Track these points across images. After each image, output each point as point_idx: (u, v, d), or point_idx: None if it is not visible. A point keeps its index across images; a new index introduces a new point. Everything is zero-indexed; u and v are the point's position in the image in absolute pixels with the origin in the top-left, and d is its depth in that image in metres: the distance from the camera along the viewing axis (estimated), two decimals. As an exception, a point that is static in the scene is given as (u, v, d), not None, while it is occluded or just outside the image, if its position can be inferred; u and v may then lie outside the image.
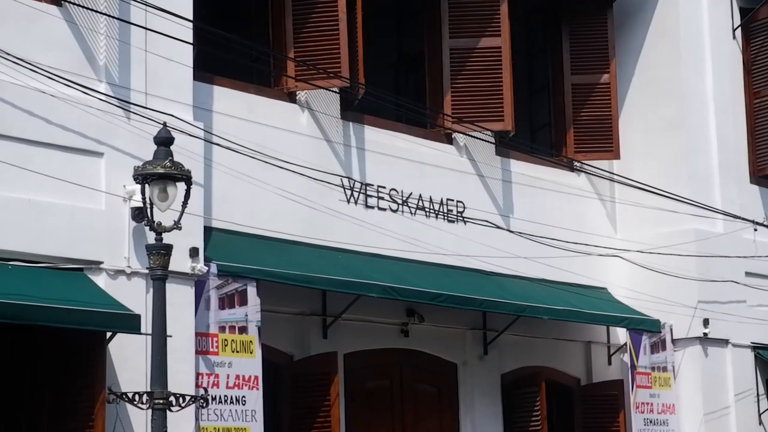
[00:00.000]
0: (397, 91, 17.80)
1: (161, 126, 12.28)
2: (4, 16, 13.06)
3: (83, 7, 13.60)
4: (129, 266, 13.53)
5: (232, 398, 14.43)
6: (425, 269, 16.95)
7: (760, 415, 19.98)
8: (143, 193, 11.92)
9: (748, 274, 19.89)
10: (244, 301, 14.67)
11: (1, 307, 12.22)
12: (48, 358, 12.96)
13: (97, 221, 13.45)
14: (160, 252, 11.80)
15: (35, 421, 13.07)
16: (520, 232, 18.22)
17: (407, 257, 16.87)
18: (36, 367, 13.03)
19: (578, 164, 19.77)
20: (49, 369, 13.03)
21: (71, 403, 12.96)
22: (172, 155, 11.94)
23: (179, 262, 13.03)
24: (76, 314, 12.77)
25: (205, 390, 13.95)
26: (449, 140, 18.14)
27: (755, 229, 20.42)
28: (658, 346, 19.31)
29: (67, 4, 13.60)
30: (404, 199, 17.24)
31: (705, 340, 19.39)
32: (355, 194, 16.73)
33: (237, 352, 14.56)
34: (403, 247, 16.84)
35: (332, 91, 16.46)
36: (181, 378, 13.07)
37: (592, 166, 19.68)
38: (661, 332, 19.15)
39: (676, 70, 20.13)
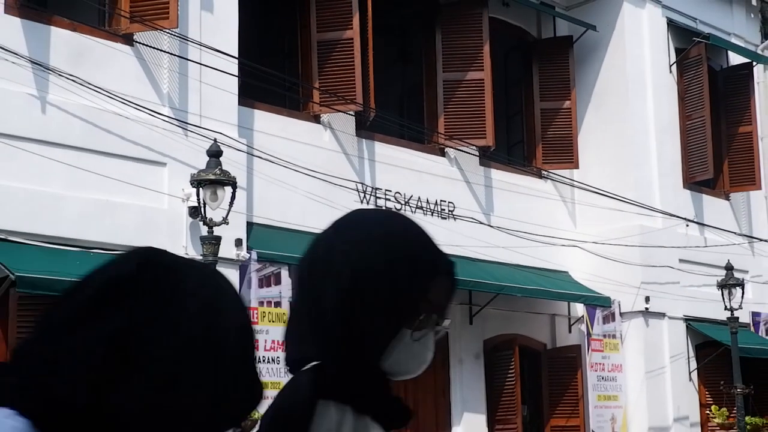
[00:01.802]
0: (401, 114, 17.74)
1: (212, 141, 12.31)
2: (87, 54, 13.12)
3: (150, 46, 13.66)
4: (186, 254, 13.44)
5: (268, 358, 14.40)
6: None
7: (690, 373, 19.89)
8: (198, 195, 12.00)
9: (681, 260, 19.74)
10: (278, 282, 14.67)
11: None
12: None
13: (161, 217, 13.56)
14: (212, 242, 11.87)
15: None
16: (499, 227, 18.18)
17: (409, 247, 16.83)
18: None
19: (545, 173, 19.73)
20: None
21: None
22: (221, 165, 12.00)
23: (226, 250, 13.01)
24: (146, 291, 12.88)
25: (248, 352, 13.97)
26: (442, 153, 18.10)
27: (687, 225, 20.30)
28: (608, 318, 19.18)
29: (137, 44, 13.63)
30: (406, 200, 17.22)
31: (646, 313, 19.31)
32: (367, 196, 16.71)
33: (272, 321, 14.55)
34: (406, 239, 16.82)
35: (349, 114, 16.47)
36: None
37: (556, 174, 19.67)
38: (611, 307, 19.07)
39: (624, 98, 20.03)
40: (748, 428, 14.95)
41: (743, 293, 18.78)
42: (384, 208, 16.72)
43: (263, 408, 1.92)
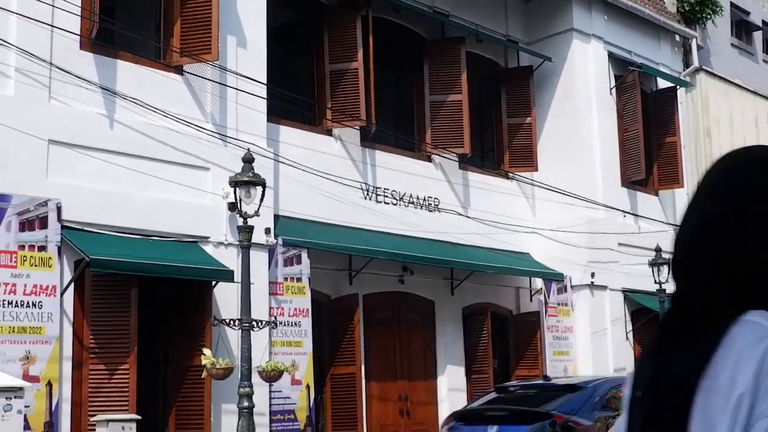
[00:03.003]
0: (396, 128, 17.76)
1: (246, 151, 12.32)
2: (146, 81, 13.21)
3: (196, 75, 13.68)
4: (226, 239, 13.62)
5: (291, 323, 14.47)
6: (414, 241, 16.90)
7: (626, 334, 19.91)
8: (235, 193, 11.98)
9: (619, 244, 19.72)
10: (299, 262, 14.69)
11: (149, 267, 12.33)
12: (177, 298, 13.01)
13: (206, 211, 13.58)
14: (246, 231, 11.86)
15: (171, 340, 13.11)
16: (474, 218, 18.17)
17: (403, 233, 16.83)
18: (170, 305, 13.09)
19: (511, 174, 19.74)
20: (177, 306, 13.08)
21: (191, 327, 13.05)
22: (253, 169, 12.00)
23: (258, 237, 13.00)
24: (194, 270, 12.98)
25: (275, 317, 13.98)
26: (429, 159, 18.08)
27: (624, 216, 20.31)
28: (561, 290, 19.18)
29: (186, 73, 13.66)
30: (400, 196, 17.20)
31: (592, 286, 19.34)
32: (370, 194, 16.71)
33: (295, 293, 14.58)
34: (400, 228, 16.80)
35: (355, 128, 16.46)
36: (259, 310, 13.08)
37: (519, 176, 19.70)
38: (563, 281, 19.08)
39: (574, 115, 20.03)
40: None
41: (669, 270, 18.77)
42: (382, 203, 16.78)
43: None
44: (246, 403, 11.39)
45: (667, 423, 1.57)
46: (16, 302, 11.47)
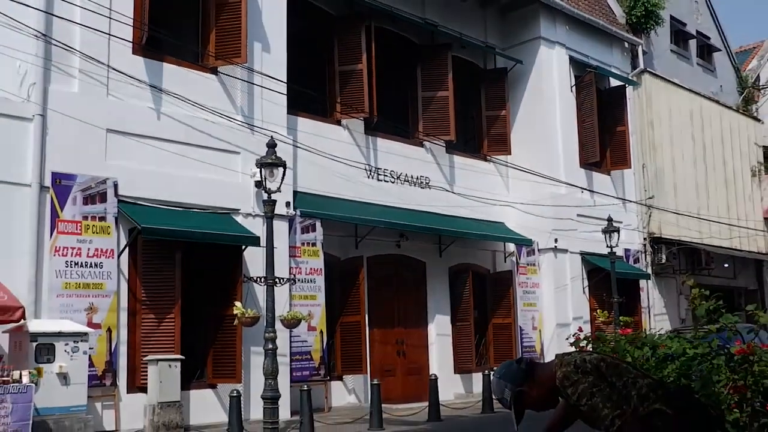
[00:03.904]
0: (394, 119, 17.71)
1: (270, 138, 12.24)
2: (187, 80, 13.10)
3: (228, 75, 13.63)
4: (253, 211, 13.60)
5: (307, 280, 14.49)
6: (409, 213, 16.88)
7: (583, 289, 19.96)
8: (261, 173, 11.90)
9: (578, 215, 19.70)
10: (314, 230, 14.69)
11: (190, 234, 12.37)
12: (213, 260, 13.01)
13: (237, 188, 13.61)
14: (270, 204, 11.78)
15: (209, 294, 13.07)
16: (459, 193, 18.17)
17: (399, 206, 16.83)
18: (207, 265, 13.09)
19: (489, 157, 19.69)
20: (213, 266, 13.08)
21: (225, 284, 13.09)
22: (275, 153, 11.94)
23: (280, 209, 12.98)
24: (227, 236, 12.99)
25: (294, 275, 14.02)
26: (421, 145, 18.01)
27: (582, 192, 20.31)
28: (530, 253, 19.12)
29: (220, 73, 13.61)
30: (397, 176, 17.18)
31: (555, 249, 19.35)
32: (372, 173, 16.68)
33: (310, 256, 14.60)
34: (397, 201, 16.79)
35: (360, 119, 16.41)
36: (281, 268, 13.11)
37: (496, 158, 19.67)
38: (532, 245, 19.10)
39: (541, 108, 19.96)
40: (622, 323, 14.99)
41: (618, 236, 18.83)
42: (383, 181, 16.72)
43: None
44: (270, 346, 11.43)
45: None
46: (81, 263, 11.51)
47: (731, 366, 4.42)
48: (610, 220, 18.90)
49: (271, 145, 12.01)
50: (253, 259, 13.21)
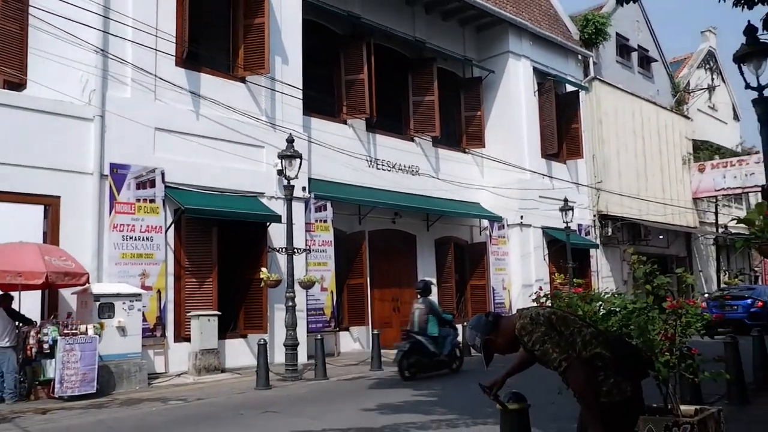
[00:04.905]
0: (391, 118, 17.60)
1: (289, 134, 12.17)
2: (220, 87, 12.97)
3: (254, 83, 13.46)
4: (276, 194, 13.50)
5: (320, 250, 14.44)
6: (402, 195, 16.81)
7: (544, 257, 19.93)
8: (282, 163, 11.88)
9: (540, 197, 19.66)
10: (325, 209, 14.60)
11: (224, 213, 12.28)
12: (243, 234, 12.95)
13: (262, 176, 13.54)
14: (289, 188, 11.77)
15: (240, 262, 13.00)
16: (443, 179, 18.05)
17: (395, 190, 16.75)
18: (239, 238, 13.03)
19: (467, 150, 19.56)
20: (244, 239, 13.03)
21: (253, 253, 13.07)
22: (294, 147, 11.90)
23: (297, 192, 12.98)
24: (255, 215, 12.96)
25: (309, 246, 13.98)
26: (412, 140, 17.88)
27: (543, 178, 20.22)
28: (501, 227, 19.02)
29: (248, 82, 13.46)
30: (393, 165, 17.07)
31: (521, 225, 19.26)
32: (372, 163, 16.58)
33: (322, 230, 14.53)
34: (393, 187, 16.70)
35: (362, 119, 16.28)
36: (298, 241, 13.14)
37: (473, 151, 19.53)
38: (502, 221, 19.06)
39: (509, 109, 19.76)
40: (575, 284, 15.03)
41: (572, 214, 18.78)
42: (382, 170, 16.62)
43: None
44: (290, 303, 11.42)
45: None
46: (135, 237, 11.47)
47: (663, 318, 4.39)
48: (565, 200, 18.84)
49: (290, 141, 11.94)
50: (276, 233, 13.14)
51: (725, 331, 13.30)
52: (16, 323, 9.72)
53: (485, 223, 19.09)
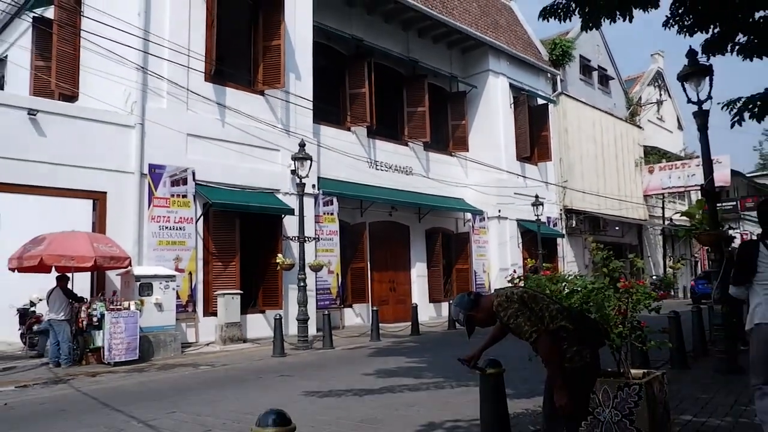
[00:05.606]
0: (388, 126, 17.58)
1: (301, 139, 12.15)
2: (243, 100, 12.95)
3: (271, 96, 13.41)
4: (290, 191, 13.44)
5: (327, 238, 14.45)
6: (398, 192, 16.79)
7: (518, 245, 19.96)
8: (295, 164, 11.84)
9: (515, 194, 19.59)
10: (332, 204, 14.60)
11: (246, 207, 12.19)
12: (261, 224, 12.94)
13: (278, 175, 13.42)
14: (301, 186, 11.76)
15: (259, 248, 12.97)
16: (433, 179, 18.02)
17: (392, 188, 16.74)
18: (258, 228, 13.03)
19: (454, 153, 19.53)
20: (262, 229, 13.01)
21: (270, 241, 13.01)
22: (305, 151, 11.85)
23: (308, 189, 12.99)
24: (272, 208, 12.88)
25: (318, 235, 13.98)
26: (407, 145, 17.86)
27: (518, 177, 20.28)
28: (482, 219, 19.10)
29: (266, 95, 13.41)
30: (390, 166, 17.05)
31: (499, 217, 19.27)
32: (372, 165, 16.54)
33: (329, 222, 14.53)
34: (390, 184, 16.68)
35: (364, 126, 16.23)
36: (309, 231, 13.18)
37: (458, 154, 19.51)
38: (483, 215, 19.02)
39: (489, 119, 19.70)
40: (544, 267, 15.08)
41: (542, 208, 18.80)
42: (381, 170, 16.59)
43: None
44: (302, 284, 11.45)
45: None
46: (170, 227, 11.47)
47: (617, 296, 4.44)
48: (536, 197, 18.87)
49: (302, 145, 11.93)
50: (290, 224, 13.14)
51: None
52: (70, 300, 9.78)
53: (468, 215, 19.09)
